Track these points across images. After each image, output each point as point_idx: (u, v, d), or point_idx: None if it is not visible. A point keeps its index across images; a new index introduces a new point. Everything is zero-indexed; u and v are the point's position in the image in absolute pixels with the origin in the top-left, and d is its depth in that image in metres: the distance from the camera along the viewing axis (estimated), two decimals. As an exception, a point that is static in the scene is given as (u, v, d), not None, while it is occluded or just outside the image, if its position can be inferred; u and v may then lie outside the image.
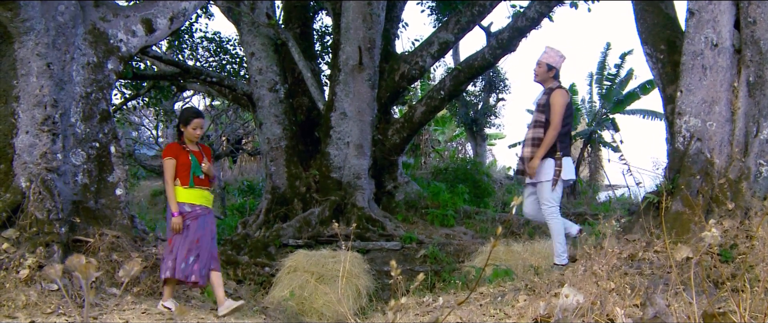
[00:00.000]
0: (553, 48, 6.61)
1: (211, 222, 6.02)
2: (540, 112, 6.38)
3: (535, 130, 6.39)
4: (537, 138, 6.35)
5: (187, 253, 5.67)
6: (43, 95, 5.31)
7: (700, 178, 5.71)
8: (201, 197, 5.90)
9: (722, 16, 5.95)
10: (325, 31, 15.54)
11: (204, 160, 6.00)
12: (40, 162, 5.26)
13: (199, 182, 5.92)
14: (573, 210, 16.30)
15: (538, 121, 6.39)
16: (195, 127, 5.92)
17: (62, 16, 5.55)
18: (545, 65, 6.45)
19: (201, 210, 5.85)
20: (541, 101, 6.42)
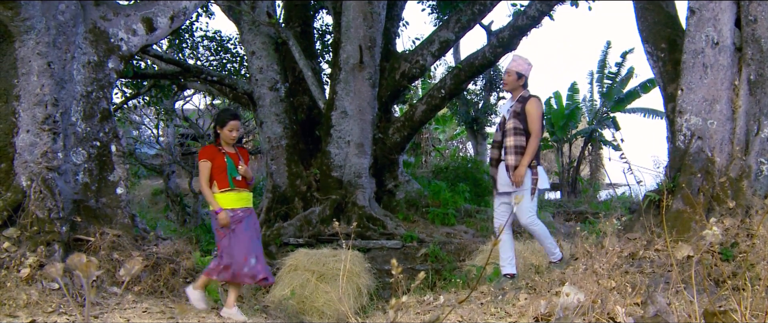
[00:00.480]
0: (520, 56, 6.63)
1: (255, 223, 6.05)
2: (516, 119, 6.35)
3: (515, 137, 6.33)
4: (520, 146, 6.30)
5: (246, 255, 5.76)
6: (43, 94, 5.31)
7: (700, 177, 5.71)
8: (240, 199, 5.93)
9: (723, 14, 5.95)
10: (326, 30, 15.54)
11: (241, 163, 6.03)
12: (41, 161, 5.26)
13: (237, 184, 5.94)
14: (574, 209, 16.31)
15: (517, 129, 6.35)
16: (231, 129, 5.98)
17: (63, 15, 5.55)
18: (515, 74, 6.47)
19: (242, 213, 5.89)
20: (516, 109, 6.39)
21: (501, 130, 6.54)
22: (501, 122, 6.58)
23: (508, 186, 6.30)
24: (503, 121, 6.50)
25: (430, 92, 11.86)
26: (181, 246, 6.34)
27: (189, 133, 23.37)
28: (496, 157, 6.57)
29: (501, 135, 6.53)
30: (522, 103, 6.35)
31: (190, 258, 6.30)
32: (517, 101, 6.43)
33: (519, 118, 6.33)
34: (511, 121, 6.38)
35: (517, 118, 6.34)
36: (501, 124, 6.57)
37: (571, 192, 22.61)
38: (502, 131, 6.48)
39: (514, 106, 6.42)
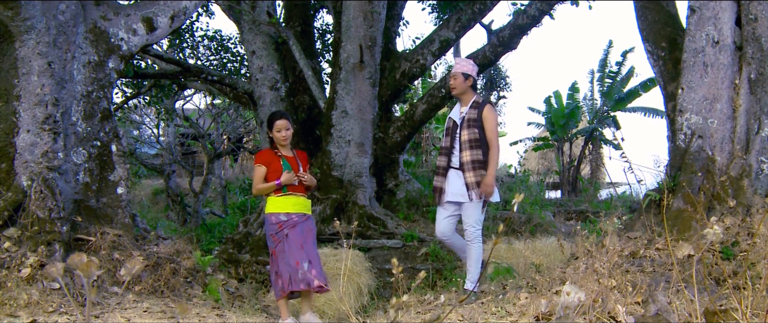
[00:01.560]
0: (464, 58, 6.50)
1: (311, 229, 5.92)
2: (471, 127, 6.18)
3: (472, 152, 6.16)
4: (477, 161, 6.14)
5: (298, 260, 5.63)
6: (44, 94, 5.31)
7: (701, 176, 5.71)
8: (296, 204, 5.86)
9: (723, 13, 5.95)
10: (326, 30, 15.53)
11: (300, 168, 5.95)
12: (42, 161, 5.26)
13: (294, 189, 5.87)
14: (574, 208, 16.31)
15: (473, 142, 6.16)
16: (279, 130, 5.89)
17: (63, 14, 5.55)
18: (461, 75, 6.29)
19: (297, 218, 5.81)
20: (471, 116, 6.21)
21: (450, 137, 6.34)
22: (450, 128, 6.37)
23: (462, 196, 6.14)
24: (453, 128, 6.32)
25: (430, 91, 11.85)
26: (181, 246, 6.34)
27: (189, 132, 23.37)
28: (445, 165, 6.37)
29: (450, 141, 6.33)
30: (477, 110, 6.22)
31: (190, 258, 6.29)
32: (470, 107, 6.27)
33: (474, 126, 6.17)
34: (466, 132, 6.20)
35: (473, 127, 6.18)
36: (450, 130, 6.36)
37: (572, 192, 22.60)
38: (451, 139, 6.31)
39: (468, 113, 6.25)
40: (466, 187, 6.12)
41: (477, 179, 6.08)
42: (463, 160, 6.17)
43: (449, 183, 6.29)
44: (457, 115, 6.37)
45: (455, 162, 6.28)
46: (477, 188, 6.07)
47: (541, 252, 7.81)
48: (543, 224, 11.74)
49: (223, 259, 8.69)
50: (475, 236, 6.09)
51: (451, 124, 6.39)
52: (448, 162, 6.34)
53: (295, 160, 6.00)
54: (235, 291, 7.04)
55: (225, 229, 14.09)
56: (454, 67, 6.43)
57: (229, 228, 13.92)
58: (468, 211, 6.17)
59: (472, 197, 6.08)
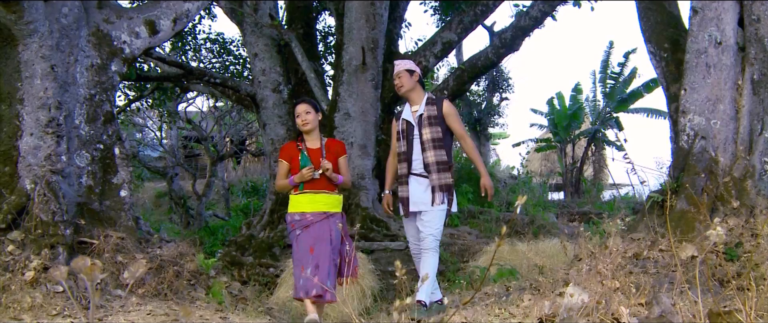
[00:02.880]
0: (402, 60, 6.07)
1: (330, 230, 5.41)
2: (433, 126, 5.73)
3: (436, 152, 5.70)
4: (442, 162, 5.69)
5: (303, 265, 5.26)
6: (47, 97, 5.32)
7: (704, 177, 5.70)
8: (313, 203, 5.45)
9: (726, 14, 5.94)
10: (328, 32, 15.56)
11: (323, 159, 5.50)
12: (45, 164, 5.27)
13: (312, 185, 5.46)
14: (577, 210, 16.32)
15: (436, 140, 5.70)
16: (298, 116, 5.58)
17: (66, 18, 5.56)
18: (405, 72, 5.87)
19: (313, 217, 5.39)
20: (430, 113, 5.76)
21: (406, 140, 5.84)
22: (404, 130, 5.88)
23: (424, 204, 5.66)
24: (408, 130, 5.84)
25: (433, 93, 11.85)
26: (184, 249, 6.34)
27: (192, 135, 23.41)
28: (406, 172, 5.83)
29: (407, 145, 5.83)
30: (435, 106, 5.80)
31: (193, 261, 6.29)
32: (426, 104, 5.83)
33: (436, 124, 5.74)
34: (427, 130, 5.74)
35: (434, 125, 5.74)
36: (405, 132, 5.86)
37: (575, 193, 22.61)
38: (408, 142, 5.81)
39: (425, 110, 5.79)
40: (431, 191, 5.67)
41: (443, 182, 5.66)
42: (427, 160, 5.70)
43: (412, 192, 5.79)
44: (409, 115, 5.89)
45: (417, 167, 5.78)
46: (442, 192, 5.64)
47: (544, 253, 7.81)
48: (546, 225, 11.75)
49: (226, 262, 8.71)
50: (433, 245, 5.60)
51: (404, 126, 5.90)
52: (409, 167, 5.83)
53: (320, 152, 5.60)
54: (238, 294, 7.04)
55: (228, 232, 14.11)
56: (396, 68, 5.98)
57: (232, 230, 13.94)
58: (429, 217, 5.65)
59: (435, 202, 5.63)
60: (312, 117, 5.60)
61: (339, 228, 5.46)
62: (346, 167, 5.77)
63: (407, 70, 5.89)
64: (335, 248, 5.43)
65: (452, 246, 9.75)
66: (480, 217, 12.35)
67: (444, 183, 5.66)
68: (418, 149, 5.77)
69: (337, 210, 5.55)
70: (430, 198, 5.65)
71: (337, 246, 5.46)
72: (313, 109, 5.67)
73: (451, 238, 10.41)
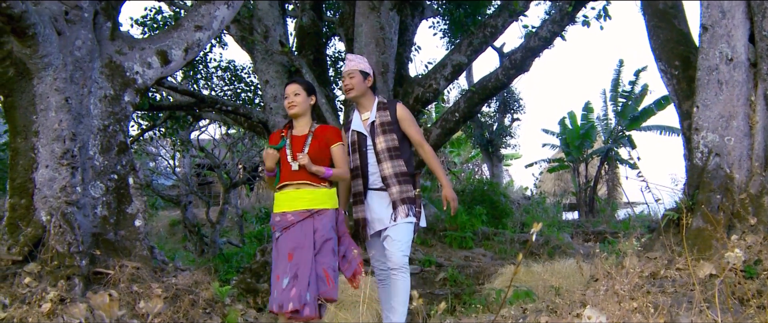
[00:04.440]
0: (355, 55, 5.38)
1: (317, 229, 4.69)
2: (387, 133, 5.08)
3: (393, 162, 5.05)
4: (401, 173, 5.07)
5: (278, 274, 4.56)
6: (61, 129, 5.35)
7: (720, 194, 5.66)
8: (294, 200, 4.74)
9: (736, 30, 5.93)
10: (339, 57, 15.64)
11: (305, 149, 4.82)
12: (60, 195, 5.30)
13: (291, 177, 4.78)
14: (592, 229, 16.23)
15: (393, 150, 5.06)
16: (285, 97, 5.02)
17: (79, 50, 5.61)
18: (359, 73, 5.18)
19: (294, 217, 4.68)
20: (382, 119, 5.11)
21: (358, 153, 5.17)
22: (355, 142, 5.21)
23: (388, 221, 5.02)
24: (361, 141, 5.17)
25: (444, 116, 11.86)
26: (199, 277, 6.33)
27: (205, 162, 23.50)
28: (362, 190, 5.17)
29: (360, 158, 5.17)
30: (388, 111, 5.15)
31: (209, 289, 6.29)
32: (378, 110, 5.17)
33: (391, 131, 5.08)
34: (382, 140, 5.07)
35: (389, 132, 5.08)
36: (357, 144, 5.20)
37: (589, 212, 22.52)
38: (361, 155, 5.15)
39: (378, 116, 5.13)
40: (392, 206, 5.03)
41: (405, 195, 5.02)
42: (384, 173, 5.04)
43: (370, 210, 5.14)
44: (359, 124, 5.23)
45: (374, 182, 5.12)
46: (405, 205, 5.01)
47: (560, 274, 7.76)
48: (561, 246, 11.70)
49: (241, 289, 8.70)
50: (402, 263, 4.93)
51: (355, 137, 5.20)
52: (365, 183, 5.16)
53: (304, 140, 4.90)
54: (253, 321, 7.03)
55: (242, 259, 14.12)
56: (349, 64, 5.25)
57: (246, 257, 13.94)
58: (394, 233, 4.99)
59: (398, 216, 4.99)
60: (301, 99, 4.99)
61: (326, 227, 4.75)
62: (342, 157, 5.00)
63: (361, 71, 5.21)
64: (329, 251, 4.75)
65: (467, 268, 9.72)
66: (494, 239, 12.31)
67: (406, 197, 5.03)
68: (373, 161, 5.12)
69: (324, 206, 4.80)
70: (390, 214, 5.03)
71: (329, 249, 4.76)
72: (305, 90, 5.05)
73: (465, 261, 10.39)
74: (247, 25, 11.80)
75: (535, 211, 16.63)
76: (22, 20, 4.86)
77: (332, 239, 4.79)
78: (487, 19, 12.25)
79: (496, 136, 24.44)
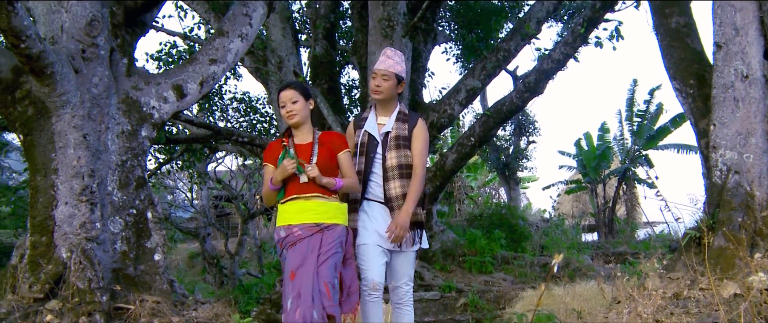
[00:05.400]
0: (395, 52, 4.79)
1: (328, 245, 4.23)
2: (402, 149, 4.60)
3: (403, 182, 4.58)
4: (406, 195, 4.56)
5: (285, 296, 4.16)
6: (80, 166, 5.40)
7: (741, 212, 5.61)
8: (302, 212, 4.31)
9: (750, 47, 5.91)
10: (352, 85, 15.71)
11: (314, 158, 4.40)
12: (80, 232, 5.33)
13: (299, 189, 4.34)
14: (612, 250, 16.10)
15: (404, 167, 4.59)
16: (282, 106, 4.48)
17: (96, 87, 5.67)
18: (393, 76, 4.64)
19: (301, 232, 4.26)
20: (400, 132, 4.63)
21: (365, 158, 4.66)
22: (365, 144, 4.69)
23: (390, 244, 4.50)
24: (370, 145, 4.66)
25: (459, 140, 11.86)
26: (219, 309, 6.32)
27: (222, 194, 23.58)
28: (359, 197, 4.65)
29: (366, 164, 4.65)
30: (407, 125, 4.67)
31: (229, 321, 6.28)
32: (396, 120, 4.68)
33: (406, 147, 4.62)
34: (394, 155, 4.59)
35: (403, 148, 4.61)
36: (365, 147, 4.68)
37: (608, 233, 22.35)
38: (369, 160, 4.64)
39: (395, 127, 4.65)
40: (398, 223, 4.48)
41: (413, 219, 4.52)
42: (391, 192, 4.54)
43: (373, 220, 4.58)
44: (374, 127, 4.72)
45: (375, 194, 4.62)
46: (413, 230, 4.57)
47: (581, 297, 7.68)
48: (581, 268, 11.60)
49: (261, 320, 8.67)
50: (408, 297, 4.66)
51: (365, 139, 4.69)
52: (364, 191, 4.63)
53: (311, 148, 4.47)
54: (275, 353, 7.00)
55: (262, 289, 14.09)
56: (384, 62, 4.69)
57: (266, 288, 13.92)
58: (401, 262, 4.65)
59: (406, 243, 4.55)
60: (300, 106, 4.48)
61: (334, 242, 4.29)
62: (350, 165, 4.55)
63: (397, 74, 4.68)
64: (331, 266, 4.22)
65: (488, 293, 9.65)
66: (514, 263, 12.23)
67: (415, 221, 4.56)
68: (378, 171, 4.62)
69: (335, 221, 4.35)
70: None
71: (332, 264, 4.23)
72: (302, 95, 4.51)
73: (485, 285, 10.33)
74: (261, 57, 11.90)
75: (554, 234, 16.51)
76: (41, 60, 4.92)
77: (338, 254, 4.28)
78: (499, 43, 12.29)
79: (512, 159, 24.38)
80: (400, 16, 10.62)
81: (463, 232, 13.43)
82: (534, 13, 11.79)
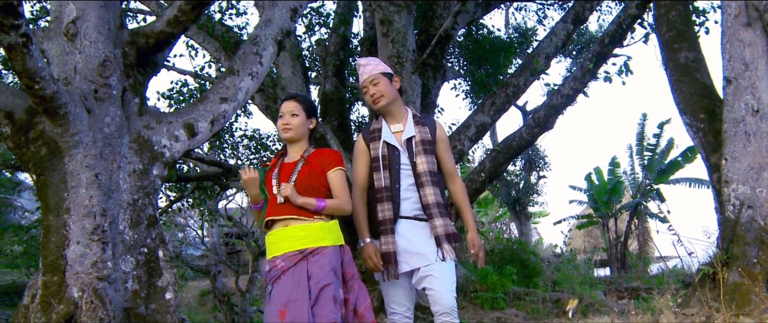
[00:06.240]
0: (368, 59, 4.52)
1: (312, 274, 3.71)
2: (428, 154, 4.20)
3: (434, 188, 4.15)
4: (442, 203, 4.19)
5: None
6: (92, 205, 5.41)
7: (755, 247, 5.57)
8: (281, 240, 3.86)
9: (760, 81, 5.92)
10: (362, 122, 15.76)
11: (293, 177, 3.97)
12: (92, 271, 5.32)
13: (276, 210, 3.94)
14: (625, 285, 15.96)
15: (433, 174, 4.18)
16: (280, 117, 4.24)
17: (109, 127, 5.71)
18: (383, 77, 4.32)
19: (284, 263, 3.78)
20: (423, 136, 4.24)
21: (389, 170, 4.21)
22: (386, 156, 4.24)
23: (430, 258, 4.09)
24: (390, 157, 4.23)
25: (470, 176, 11.84)
26: (231, 348, 6.29)
27: (233, 231, 23.57)
28: (392, 216, 4.17)
29: (390, 177, 4.20)
30: (426, 127, 4.30)
31: (240, 360, 6.24)
32: (416, 124, 4.31)
33: (431, 152, 4.23)
34: (423, 160, 4.17)
35: (429, 153, 4.22)
36: (387, 159, 4.24)
37: (621, 268, 22.19)
38: (393, 173, 4.20)
39: (418, 132, 4.26)
40: (435, 241, 4.12)
41: (449, 229, 4.14)
42: (427, 200, 4.12)
43: (407, 242, 4.14)
44: (391, 136, 4.30)
45: (408, 209, 4.19)
46: (449, 243, 4.13)
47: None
48: (594, 303, 11.50)
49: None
50: (453, 305, 4.11)
51: (386, 151, 4.26)
52: (396, 209, 4.18)
53: (293, 168, 4.05)
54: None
55: (272, 328, 13.99)
56: (363, 70, 4.42)
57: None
58: (441, 273, 4.09)
59: (445, 254, 4.10)
60: (299, 121, 4.15)
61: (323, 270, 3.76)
62: (341, 185, 4.08)
63: (383, 73, 4.34)
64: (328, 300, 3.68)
65: (500, 330, 9.57)
66: (526, 299, 12.14)
67: (452, 232, 4.17)
68: (408, 184, 4.20)
69: (321, 243, 3.88)
70: (435, 249, 4.12)
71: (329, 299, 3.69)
72: (304, 110, 4.21)
73: (498, 322, 10.23)
74: (271, 94, 11.96)
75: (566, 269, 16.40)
76: (54, 101, 4.97)
77: (331, 285, 3.73)
78: (508, 78, 12.32)
79: (523, 194, 24.32)
80: (410, 53, 10.69)
81: (474, 268, 13.36)
82: (543, 48, 11.82)
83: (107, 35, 5.82)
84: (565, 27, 11.67)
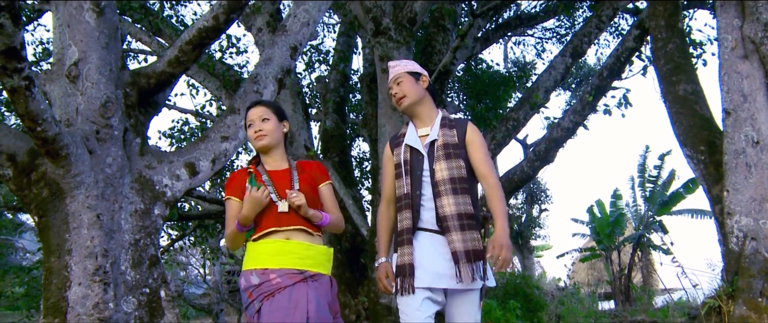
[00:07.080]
0: (397, 61, 4.10)
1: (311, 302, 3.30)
2: (452, 159, 3.73)
3: (457, 198, 3.65)
4: (467, 213, 3.65)
5: None
6: (93, 246, 5.40)
7: (761, 279, 5.54)
8: (281, 253, 3.42)
9: (759, 113, 5.94)
10: (363, 157, 15.79)
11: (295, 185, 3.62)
12: (93, 312, 5.30)
13: (278, 221, 3.49)
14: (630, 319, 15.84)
15: (460, 181, 3.69)
16: (250, 125, 3.74)
17: (110, 167, 5.72)
18: (407, 75, 3.92)
19: (281, 279, 3.34)
20: (448, 139, 3.79)
21: (411, 176, 3.78)
22: (408, 161, 3.82)
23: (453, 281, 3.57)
24: (412, 162, 3.81)
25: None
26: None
27: (235, 269, 23.48)
28: (411, 226, 3.71)
29: (411, 183, 3.77)
30: (454, 130, 3.85)
31: None
32: (442, 126, 3.86)
33: (458, 156, 3.76)
34: (443, 167, 3.72)
35: (454, 157, 3.75)
36: (409, 164, 3.82)
37: (625, 301, 22.03)
38: (414, 179, 3.77)
39: (442, 134, 3.82)
40: (454, 261, 3.58)
41: (470, 246, 3.59)
42: (444, 211, 3.64)
43: (425, 254, 3.65)
44: (416, 140, 3.88)
45: (428, 220, 3.73)
46: (472, 262, 3.56)
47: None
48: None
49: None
50: None
51: (408, 156, 3.85)
52: (415, 218, 3.74)
53: (287, 176, 3.68)
54: None
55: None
56: (392, 68, 4.01)
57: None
58: (464, 306, 3.72)
59: (471, 277, 3.55)
60: (271, 126, 3.71)
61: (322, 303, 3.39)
62: (332, 200, 3.88)
63: (409, 72, 3.95)
64: None
65: (505, 366, 9.49)
66: (531, 334, 12.06)
67: (473, 249, 3.59)
68: (429, 193, 3.77)
69: (321, 270, 3.54)
70: (455, 272, 3.56)
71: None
72: (274, 113, 3.77)
73: (503, 358, 10.16)
74: (272, 132, 11.97)
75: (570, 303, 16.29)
76: (56, 142, 4.98)
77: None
78: (508, 112, 12.36)
79: (525, 227, 24.29)
80: (410, 89, 10.72)
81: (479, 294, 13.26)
82: (542, 82, 11.88)
83: (109, 76, 5.86)
84: (564, 61, 11.74)
